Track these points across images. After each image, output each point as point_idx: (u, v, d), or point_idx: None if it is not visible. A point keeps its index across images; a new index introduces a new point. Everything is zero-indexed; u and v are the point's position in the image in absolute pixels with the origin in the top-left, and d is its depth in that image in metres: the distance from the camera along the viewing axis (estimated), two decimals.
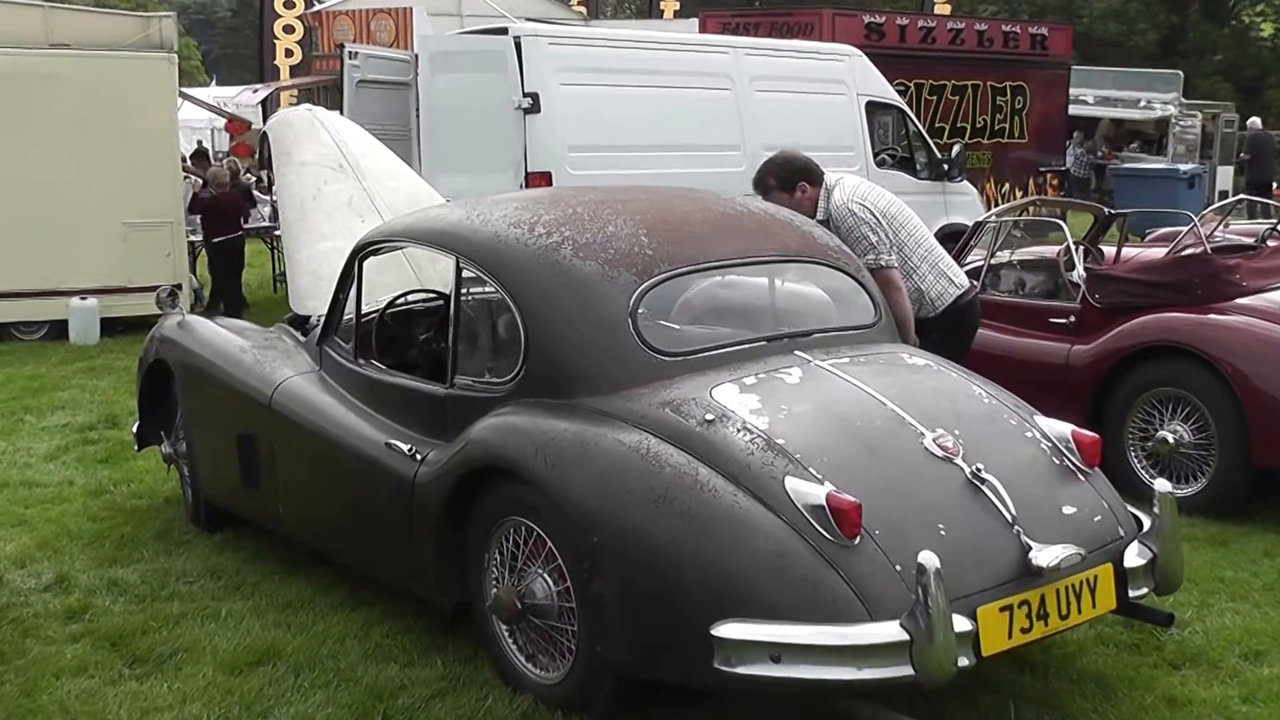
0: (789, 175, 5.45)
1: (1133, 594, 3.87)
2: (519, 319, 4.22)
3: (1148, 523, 3.99)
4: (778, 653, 3.33)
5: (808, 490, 3.50)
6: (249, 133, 21.60)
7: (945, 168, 12.97)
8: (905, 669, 3.29)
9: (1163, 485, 3.99)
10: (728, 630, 3.37)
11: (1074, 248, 6.81)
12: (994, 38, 17.77)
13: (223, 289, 12.75)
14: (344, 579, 5.00)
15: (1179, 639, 4.49)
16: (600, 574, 3.61)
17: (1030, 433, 4.05)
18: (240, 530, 5.60)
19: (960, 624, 3.34)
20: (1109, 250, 7.54)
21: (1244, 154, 22.92)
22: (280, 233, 8.20)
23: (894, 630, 3.30)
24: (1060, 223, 7.17)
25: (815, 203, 5.41)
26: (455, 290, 4.54)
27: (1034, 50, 18.30)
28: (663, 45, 11.46)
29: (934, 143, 13.61)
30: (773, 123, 11.10)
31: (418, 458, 4.30)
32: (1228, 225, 8.40)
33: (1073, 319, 6.62)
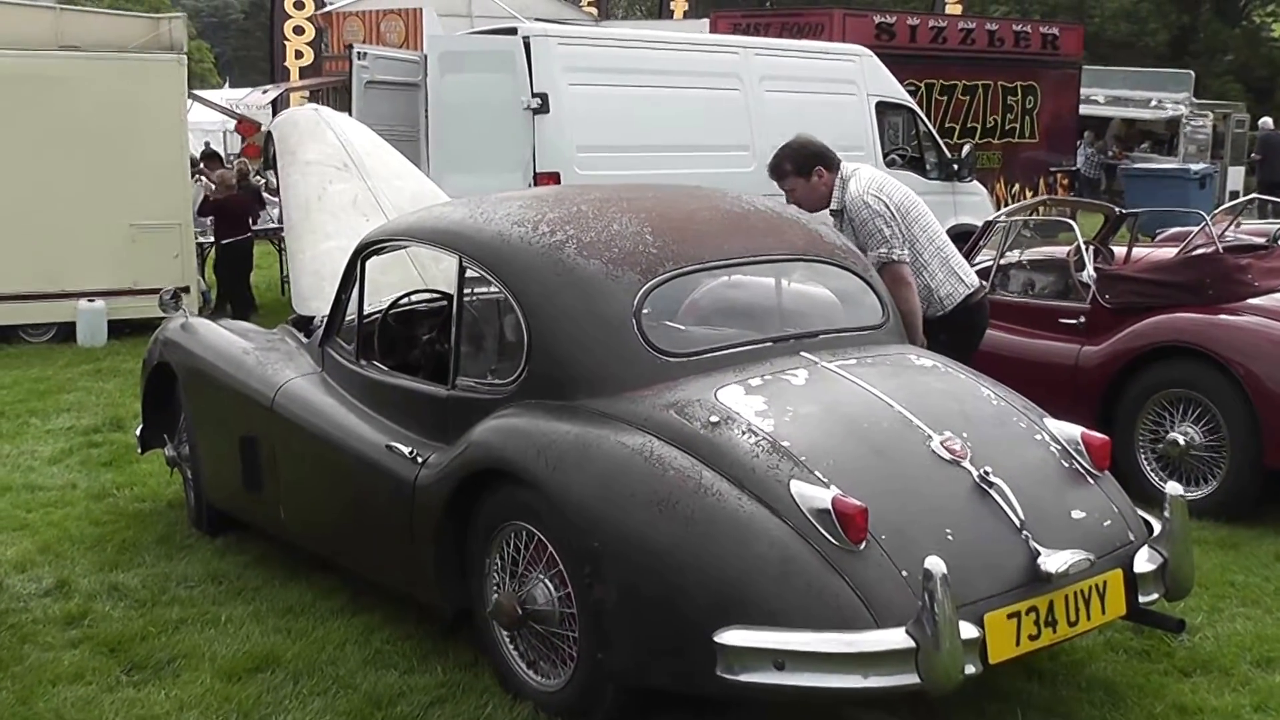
0: (805, 160, 5.40)
1: (1143, 600, 3.81)
2: (522, 319, 4.16)
3: (1158, 527, 3.94)
4: (781, 660, 3.28)
5: (813, 494, 3.45)
6: (258, 134, 21.62)
7: (955, 168, 12.92)
8: (911, 677, 3.24)
9: (1174, 489, 3.94)
10: (731, 637, 3.31)
11: (1084, 247, 6.75)
12: (1005, 38, 17.72)
13: (231, 291, 12.73)
14: (346, 584, 4.96)
15: (1189, 645, 4.42)
16: (602, 579, 3.56)
17: (1039, 435, 4.00)
18: (242, 534, 5.56)
19: (967, 631, 3.29)
20: (1119, 250, 7.48)
21: (1255, 154, 22.83)
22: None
23: (900, 637, 3.24)
24: (1070, 222, 7.11)
25: (831, 188, 5.36)
26: (458, 290, 4.49)
27: (1045, 50, 18.26)
28: (672, 45, 11.43)
29: (944, 143, 13.56)
30: (782, 123, 10.97)
31: (418, 460, 4.25)
32: (1239, 225, 8.34)
33: (1082, 319, 6.57)
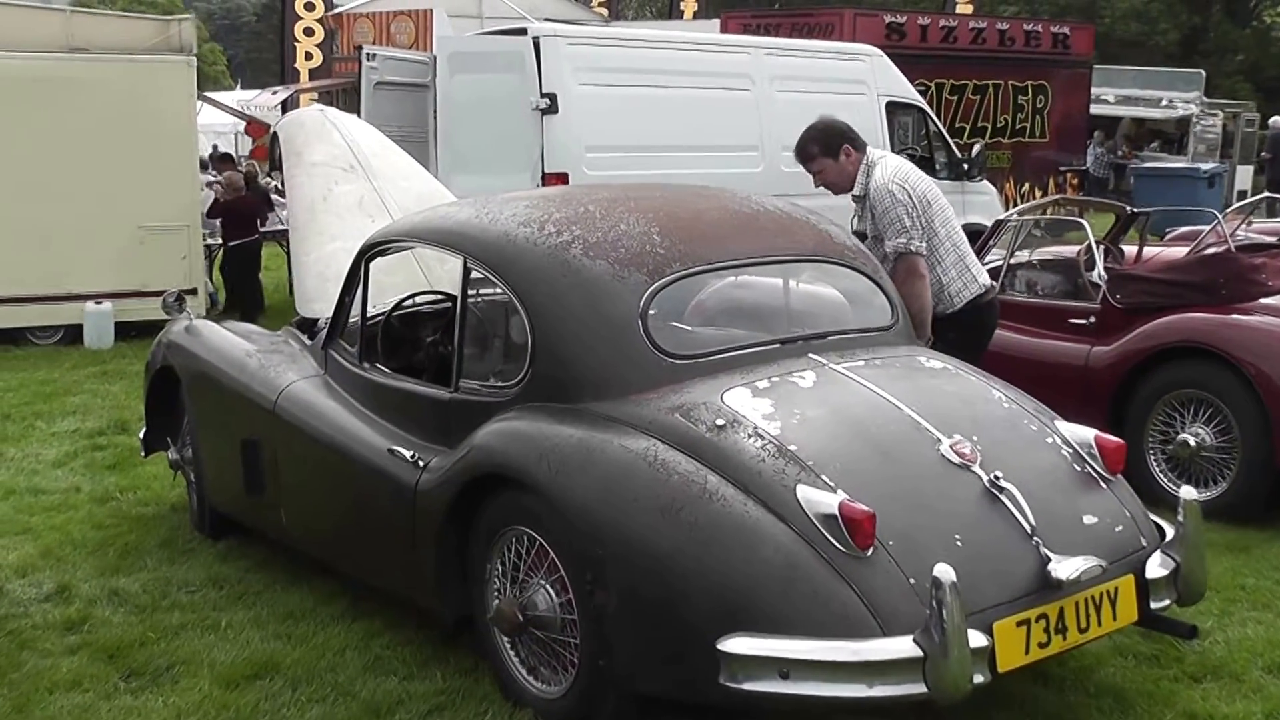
0: (832, 139, 5.34)
1: (1154, 605, 3.75)
2: (526, 320, 4.11)
3: (1171, 532, 3.88)
4: (786, 668, 3.22)
5: (820, 499, 3.39)
6: (266, 135, 21.59)
7: (965, 167, 12.85)
8: (918, 686, 3.18)
9: (1188, 493, 3.87)
10: (735, 645, 3.25)
11: (1095, 247, 6.68)
12: (1015, 37, 17.66)
13: (238, 292, 12.73)
14: (347, 588, 4.91)
15: (1200, 650, 4.35)
16: (604, 585, 3.51)
17: (1051, 438, 3.93)
18: (245, 538, 5.52)
19: (976, 639, 3.23)
20: (1129, 250, 7.41)
21: (1265, 153, 22.74)
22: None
23: (907, 646, 3.18)
24: (1081, 222, 7.04)
25: (858, 168, 5.31)
26: (462, 291, 4.44)
27: (1056, 50, 18.20)
28: (682, 46, 11.37)
29: (954, 142, 13.49)
30: (792, 123, 10.85)
31: (420, 464, 4.20)
32: (1250, 224, 8.26)
33: (1093, 319, 6.51)
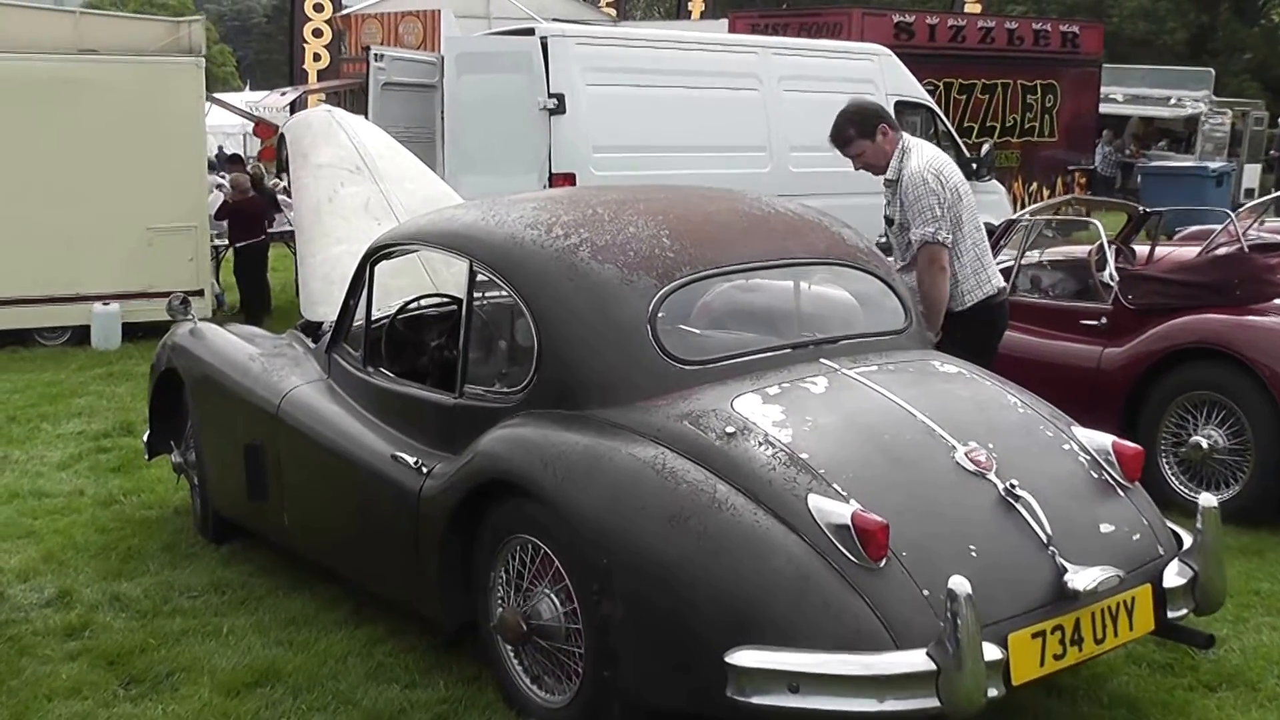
0: (867, 120, 5.29)
1: (1171, 615, 3.70)
2: (532, 325, 4.05)
3: (1188, 540, 3.81)
4: (796, 682, 3.15)
5: (832, 509, 3.33)
6: (275, 136, 21.57)
7: (974, 167, 12.77)
8: (931, 701, 3.11)
9: (1207, 500, 3.80)
10: (743, 658, 3.19)
11: (1107, 247, 6.61)
12: (1024, 36, 17.62)
13: (246, 293, 12.71)
14: (350, 593, 4.86)
15: (1215, 658, 4.28)
16: (610, 596, 3.44)
17: (1067, 445, 3.87)
18: (248, 542, 5.47)
19: (990, 652, 3.16)
20: (1140, 250, 7.34)
21: (1273, 151, 22.65)
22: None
23: (920, 659, 3.12)
24: (1094, 222, 6.97)
25: (895, 148, 5.26)
26: (468, 295, 4.39)
27: (1065, 49, 18.15)
28: (690, 46, 11.32)
29: (963, 142, 13.42)
30: (800, 123, 10.94)
31: (423, 470, 4.14)
32: (1263, 223, 8.18)
33: (1105, 321, 6.44)
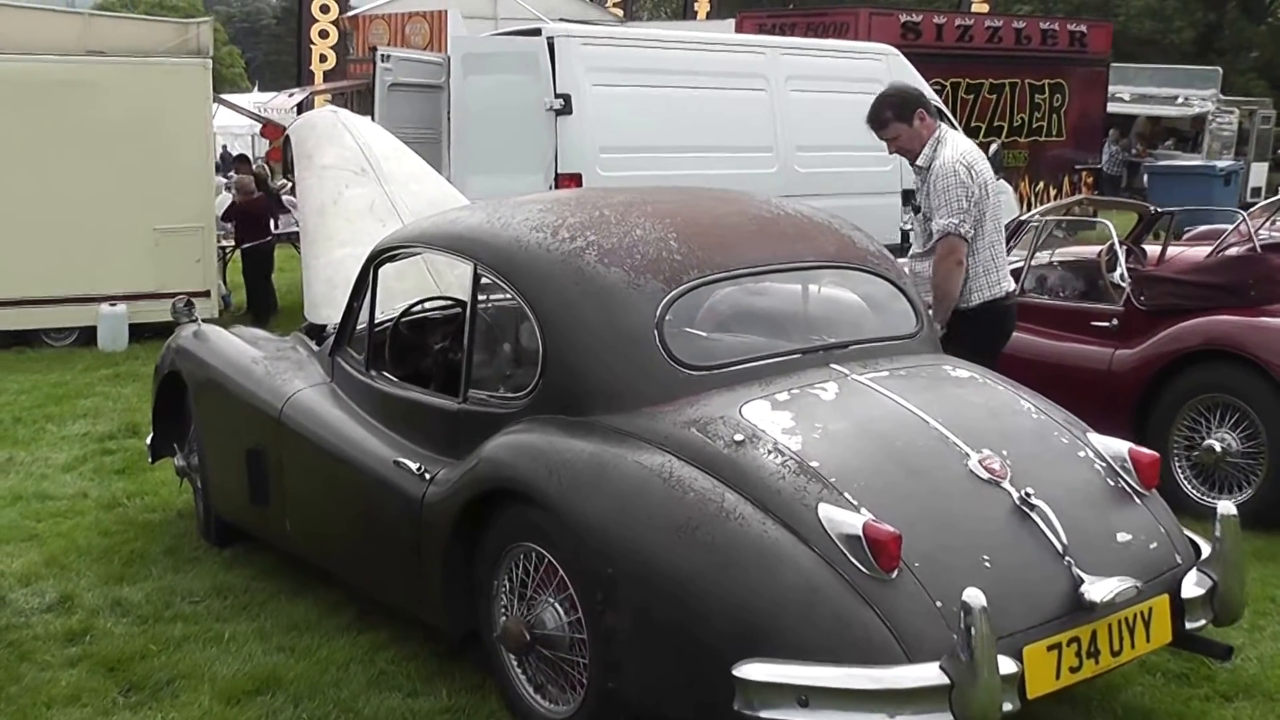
0: (907, 104, 5.26)
1: (1190, 626, 3.63)
2: (537, 329, 3.99)
3: (1206, 549, 3.74)
4: (805, 696, 3.08)
5: (843, 519, 3.26)
6: (282, 137, 21.56)
7: None
8: (944, 715, 3.04)
9: (1226, 507, 3.73)
10: (751, 671, 3.12)
11: (1118, 247, 6.54)
12: (1031, 35, 17.56)
13: (253, 294, 12.70)
14: (353, 598, 4.81)
15: (1231, 668, 4.21)
16: (615, 606, 3.38)
17: (1083, 452, 3.80)
18: (251, 545, 5.42)
19: (1005, 665, 3.09)
20: (1151, 250, 7.27)
21: None
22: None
23: (933, 673, 3.05)
24: (1105, 222, 6.91)
25: (932, 134, 5.23)
26: (472, 299, 4.32)
27: (1073, 48, 18.09)
28: (697, 46, 11.27)
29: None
30: (807, 123, 10.90)
31: (426, 477, 4.09)
32: (1274, 223, 8.11)
33: (1116, 322, 6.37)
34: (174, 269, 11.11)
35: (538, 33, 10.31)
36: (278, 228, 13.24)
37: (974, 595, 3.01)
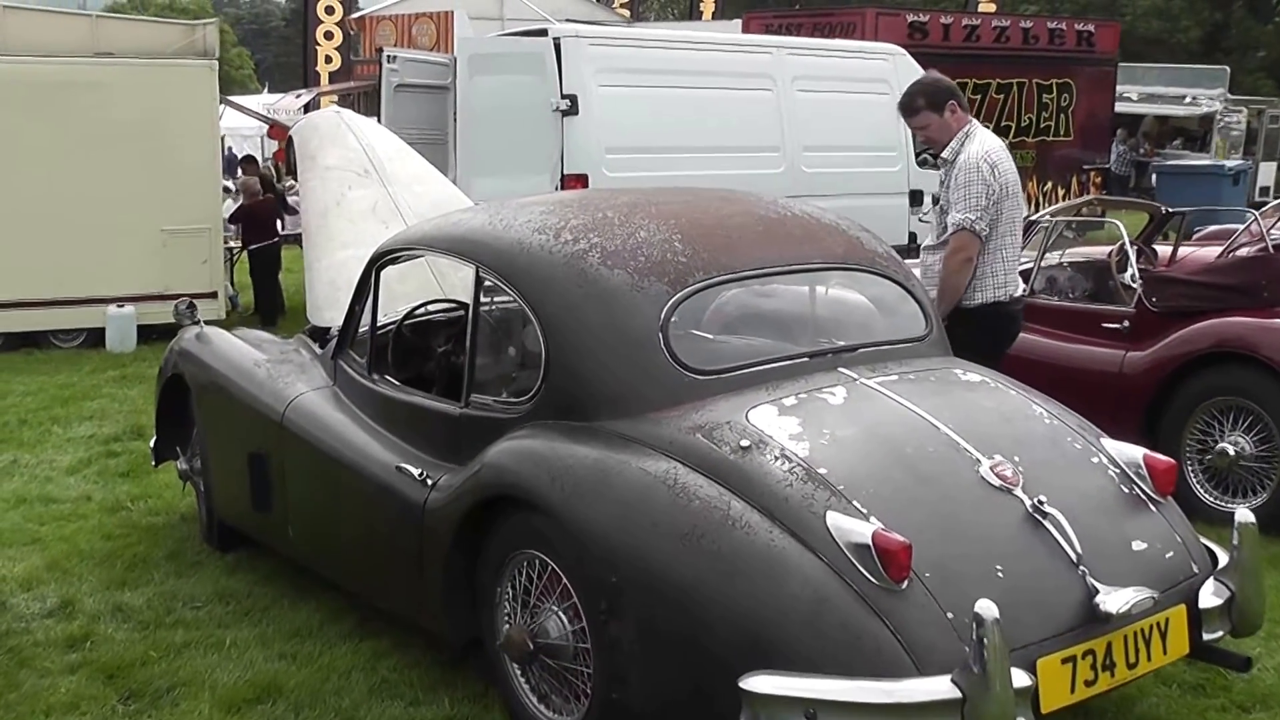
0: (939, 94, 5.23)
1: (1207, 637, 3.56)
2: (540, 333, 3.93)
3: (1224, 558, 3.67)
4: (813, 709, 3.01)
5: (852, 527, 3.19)
6: (286, 138, 21.58)
7: None
8: None
9: (1244, 515, 3.66)
10: (758, 683, 3.05)
11: (1129, 248, 6.47)
12: (1039, 35, 17.51)
13: (259, 295, 12.69)
14: (355, 605, 4.76)
15: (1248, 678, 4.13)
16: (619, 616, 3.32)
17: (1097, 458, 3.73)
18: (254, 550, 5.37)
19: (1018, 678, 3.03)
20: (1162, 251, 7.20)
21: None
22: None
23: (944, 686, 2.98)
24: (1115, 222, 6.84)
25: (962, 127, 5.20)
26: (474, 302, 4.26)
27: (1080, 47, 18.03)
28: (704, 46, 11.22)
29: None
30: (814, 123, 10.85)
31: (428, 482, 4.03)
32: None
33: (1127, 324, 6.30)
34: (181, 270, 11.12)
35: (544, 33, 10.26)
36: (284, 229, 13.23)
37: (986, 606, 2.95)
